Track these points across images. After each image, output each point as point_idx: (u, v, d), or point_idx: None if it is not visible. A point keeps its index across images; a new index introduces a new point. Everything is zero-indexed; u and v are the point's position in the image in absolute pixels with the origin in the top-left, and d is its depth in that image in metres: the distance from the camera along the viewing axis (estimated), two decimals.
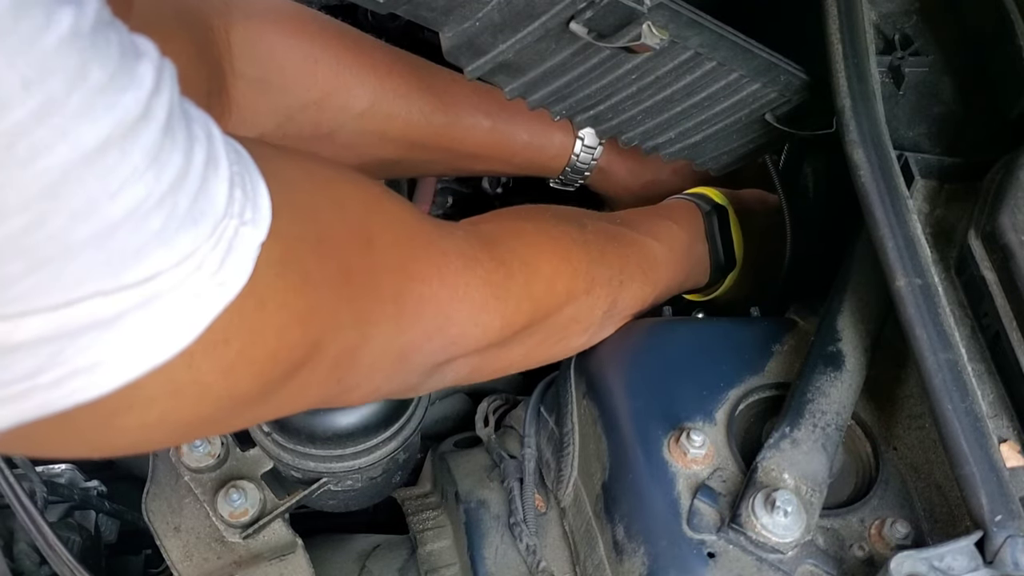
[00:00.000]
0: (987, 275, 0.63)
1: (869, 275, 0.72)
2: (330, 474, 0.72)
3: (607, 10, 0.65)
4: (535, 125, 0.99)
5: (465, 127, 0.96)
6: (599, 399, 0.72)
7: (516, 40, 0.67)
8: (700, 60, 0.76)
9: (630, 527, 0.65)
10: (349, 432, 0.69)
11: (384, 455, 0.72)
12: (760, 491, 0.60)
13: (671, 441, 0.66)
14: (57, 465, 0.95)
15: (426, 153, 0.96)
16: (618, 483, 0.67)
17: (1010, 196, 0.63)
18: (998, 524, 0.54)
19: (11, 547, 0.83)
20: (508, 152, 0.99)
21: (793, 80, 0.82)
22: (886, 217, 0.64)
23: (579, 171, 1.03)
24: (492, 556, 0.77)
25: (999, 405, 0.62)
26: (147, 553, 1.03)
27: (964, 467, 0.56)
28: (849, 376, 0.67)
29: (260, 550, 0.75)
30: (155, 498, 0.76)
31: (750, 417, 0.70)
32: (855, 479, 0.68)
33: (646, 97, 0.80)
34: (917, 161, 0.72)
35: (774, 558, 0.60)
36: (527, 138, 0.99)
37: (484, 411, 0.91)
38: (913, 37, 0.80)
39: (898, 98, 0.77)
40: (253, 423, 0.66)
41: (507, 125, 0.97)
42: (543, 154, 1.01)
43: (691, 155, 0.91)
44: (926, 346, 0.59)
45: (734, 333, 0.76)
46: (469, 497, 0.81)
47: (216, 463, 0.76)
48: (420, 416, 0.74)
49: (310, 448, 0.70)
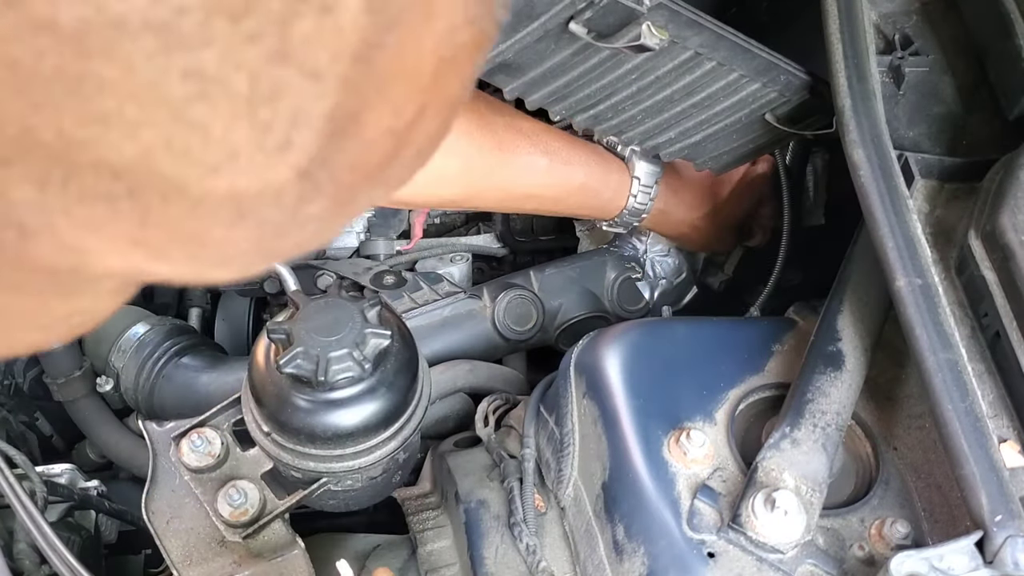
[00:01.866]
0: (987, 275, 0.63)
1: (869, 275, 0.72)
2: (330, 474, 0.72)
3: (606, 10, 0.65)
4: (593, 166, 0.97)
5: (520, 166, 0.93)
6: (599, 399, 0.72)
7: (516, 40, 0.67)
8: (700, 60, 0.76)
9: (630, 527, 0.65)
10: (349, 432, 0.69)
11: (384, 455, 0.72)
12: (760, 491, 0.60)
13: (671, 441, 0.66)
14: (57, 465, 0.95)
15: (480, 191, 0.94)
16: (618, 483, 0.67)
17: (1010, 196, 0.63)
18: (998, 524, 0.54)
19: (11, 547, 0.83)
20: (563, 192, 0.97)
21: (793, 80, 0.82)
22: (886, 217, 0.64)
23: (636, 213, 1.00)
24: (492, 556, 0.77)
25: (999, 405, 0.62)
26: (147, 553, 1.03)
27: (964, 467, 0.56)
28: (849, 376, 0.67)
29: (260, 550, 0.75)
30: (155, 498, 0.76)
31: (750, 417, 0.70)
32: (855, 479, 0.68)
33: (646, 97, 0.80)
34: (917, 161, 0.72)
35: (774, 558, 0.60)
36: (583, 179, 0.96)
37: (484, 411, 0.91)
38: (913, 37, 0.80)
39: (898, 98, 0.77)
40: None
41: (564, 165, 0.95)
42: (598, 197, 0.99)
43: (691, 155, 0.91)
44: (926, 346, 0.59)
45: (734, 333, 0.76)
46: (469, 497, 0.81)
47: (216, 463, 0.76)
48: (420, 416, 0.74)
49: (310, 448, 0.70)
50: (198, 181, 0.20)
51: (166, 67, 0.18)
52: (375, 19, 0.19)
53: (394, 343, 0.67)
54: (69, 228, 0.20)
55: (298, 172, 0.21)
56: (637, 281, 1.14)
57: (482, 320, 1.07)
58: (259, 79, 0.19)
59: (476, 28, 0.22)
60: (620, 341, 0.76)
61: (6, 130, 0.18)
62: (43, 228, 0.20)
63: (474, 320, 1.07)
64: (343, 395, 0.66)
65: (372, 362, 0.66)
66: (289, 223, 0.22)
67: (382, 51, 0.20)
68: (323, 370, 0.64)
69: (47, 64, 0.17)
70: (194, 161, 0.19)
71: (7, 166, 0.18)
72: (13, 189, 0.19)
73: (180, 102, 0.18)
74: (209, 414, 0.78)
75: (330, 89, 0.20)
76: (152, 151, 0.19)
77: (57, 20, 0.17)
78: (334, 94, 0.20)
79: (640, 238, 1.15)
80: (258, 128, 0.19)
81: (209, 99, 0.18)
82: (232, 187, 0.20)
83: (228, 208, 0.21)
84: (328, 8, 0.19)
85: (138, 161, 0.19)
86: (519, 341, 1.07)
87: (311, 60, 0.19)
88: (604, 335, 0.76)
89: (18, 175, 0.18)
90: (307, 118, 0.20)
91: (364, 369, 0.65)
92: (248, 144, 0.20)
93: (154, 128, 0.18)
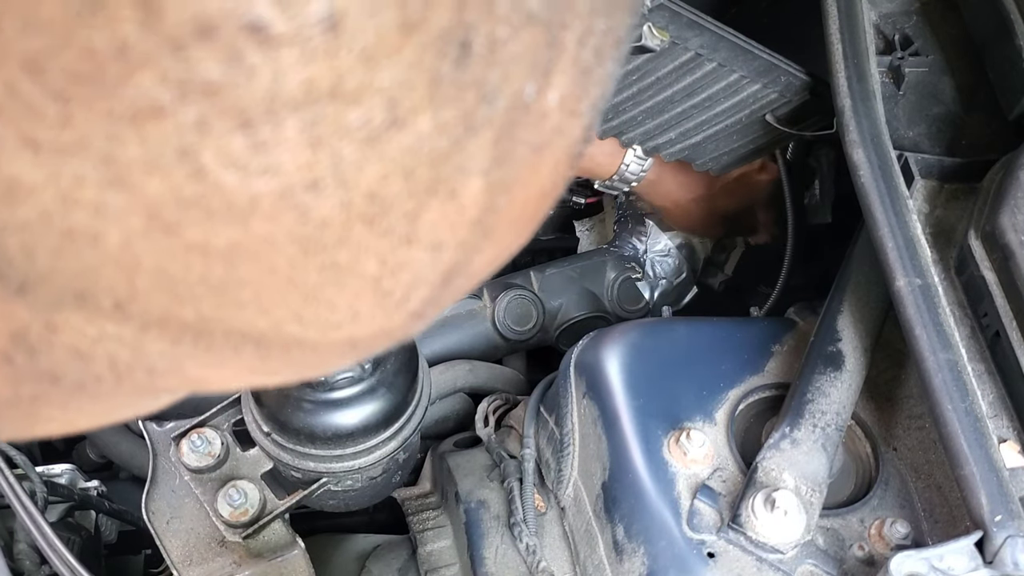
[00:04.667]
0: (987, 275, 0.63)
1: (869, 275, 0.72)
2: (330, 474, 0.72)
3: None
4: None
5: None
6: (599, 399, 0.72)
7: None
8: (700, 61, 0.76)
9: (630, 527, 0.65)
10: (349, 432, 0.69)
11: (384, 455, 0.72)
12: (760, 491, 0.60)
13: (671, 441, 0.66)
14: (57, 465, 0.95)
15: None
16: (618, 483, 0.67)
17: (1010, 196, 0.63)
18: (998, 524, 0.54)
19: (11, 547, 0.83)
20: None
21: (793, 81, 0.82)
22: (886, 217, 0.64)
23: (626, 180, 1.01)
24: (492, 556, 0.77)
25: (999, 405, 0.62)
26: (147, 553, 1.03)
27: (964, 467, 0.56)
28: (849, 376, 0.67)
29: (260, 550, 0.75)
30: (155, 498, 0.76)
31: (750, 417, 0.70)
32: (855, 479, 0.68)
33: (647, 98, 0.80)
34: (917, 161, 0.72)
35: (774, 558, 0.60)
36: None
37: (484, 411, 0.91)
38: (913, 37, 0.80)
39: (898, 98, 0.77)
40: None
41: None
42: (590, 160, 0.99)
43: (692, 155, 0.91)
44: (926, 346, 0.59)
45: (734, 333, 0.76)
46: (469, 497, 0.81)
47: (216, 463, 0.76)
48: (420, 416, 0.74)
49: (310, 448, 0.70)
50: (320, 336, 0.21)
51: (305, 266, 0.19)
52: (493, 191, 0.20)
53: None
54: (195, 368, 0.21)
55: (411, 316, 0.22)
56: (637, 281, 1.14)
57: (482, 320, 1.07)
58: (387, 262, 0.20)
59: (576, 157, 0.23)
60: (620, 341, 0.76)
61: (149, 313, 0.19)
62: (172, 370, 0.21)
63: (474, 320, 1.07)
64: (343, 395, 0.66)
65: (372, 362, 0.66)
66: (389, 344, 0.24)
67: (496, 213, 0.21)
68: None
69: (194, 273, 0.18)
70: (319, 325, 0.21)
71: (145, 332, 0.19)
72: (148, 346, 0.20)
73: (313, 288, 0.20)
74: (209, 414, 0.78)
75: (449, 255, 0.21)
76: (282, 324, 0.20)
77: (209, 243, 0.18)
78: (451, 257, 0.21)
79: (640, 238, 1.15)
80: (380, 294, 0.21)
81: (340, 284, 0.20)
82: (351, 337, 0.22)
83: (344, 348, 0.22)
84: (452, 195, 0.20)
85: (268, 330, 0.20)
86: (519, 341, 1.07)
87: (434, 238, 0.20)
88: (604, 335, 0.76)
89: (154, 337, 0.20)
90: (425, 280, 0.21)
91: (364, 369, 0.66)
92: (370, 307, 0.21)
93: (286, 307, 0.20)
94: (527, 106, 0.20)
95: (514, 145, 0.20)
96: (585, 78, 0.21)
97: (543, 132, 0.21)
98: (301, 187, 0.18)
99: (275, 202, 0.17)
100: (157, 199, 0.17)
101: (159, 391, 0.24)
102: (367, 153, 0.18)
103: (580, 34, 0.20)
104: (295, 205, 0.18)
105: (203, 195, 0.17)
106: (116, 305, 0.19)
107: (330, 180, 0.18)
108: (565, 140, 0.22)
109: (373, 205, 0.19)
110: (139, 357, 0.20)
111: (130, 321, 0.19)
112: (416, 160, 0.18)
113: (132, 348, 0.20)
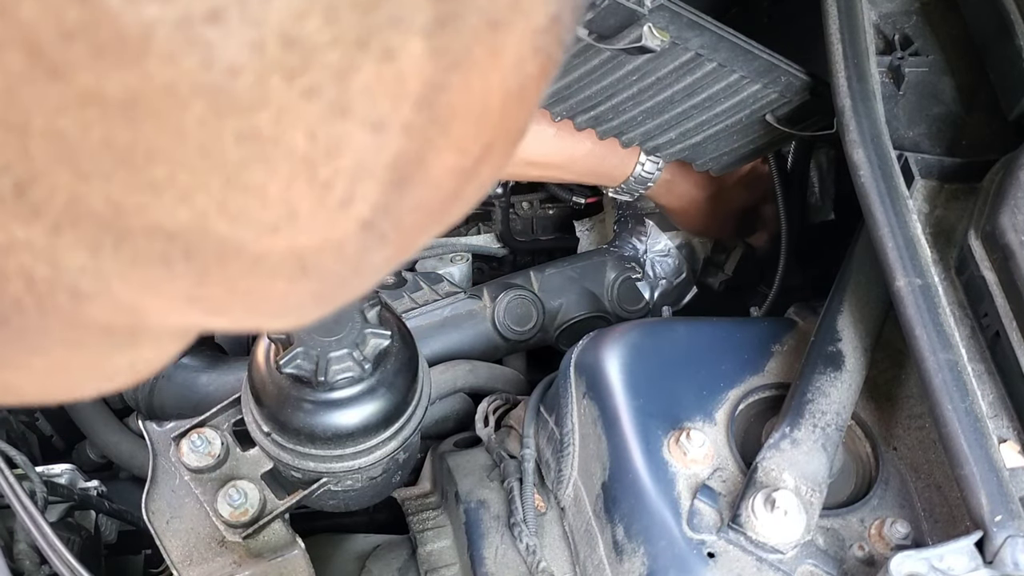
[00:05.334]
0: (987, 275, 0.63)
1: (869, 275, 0.72)
2: (330, 474, 0.72)
3: (608, 12, 0.65)
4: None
5: (528, 134, 0.94)
6: (599, 399, 0.72)
7: None
8: (701, 61, 0.76)
9: (630, 527, 0.65)
10: (349, 432, 0.69)
11: (384, 455, 0.72)
12: (760, 491, 0.60)
13: (671, 441, 0.66)
14: (57, 465, 0.95)
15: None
16: (618, 483, 0.67)
17: (1010, 196, 0.63)
18: (998, 524, 0.54)
19: (11, 547, 0.83)
20: (570, 159, 0.97)
21: (794, 81, 0.82)
22: (886, 217, 0.64)
23: (642, 181, 1.00)
24: (492, 556, 0.77)
25: (999, 405, 0.62)
26: (147, 553, 1.03)
27: (964, 467, 0.56)
28: (849, 376, 0.67)
29: (260, 550, 0.75)
30: (155, 498, 0.76)
31: (750, 417, 0.70)
32: (855, 479, 0.68)
33: (647, 98, 0.80)
34: (917, 161, 0.72)
35: (774, 558, 0.60)
36: (590, 145, 0.96)
37: (484, 411, 0.91)
38: (913, 37, 0.80)
39: (898, 98, 0.77)
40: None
41: (571, 132, 0.94)
42: (605, 163, 0.98)
43: (692, 155, 0.91)
44: (926, 346, 0.59)
45: (734, 333, 0.77)
46: (469, 497, 0.81)
47: (216, 463, 0.76)
48: (420, 416, 0.74)
49: (310, 448, 0.70)
50: (256, 241, 0.19)
51: (219, 131, 0.17)
52: (438, 61, 0.18)
53: (394, 343, 0.67)
54: (124, 290, 0.19)
55: (361, 224, 0.20)
56: (637, 281, 1.14)
57: (482, 320, 1.07)
58: (317, 136, 0.18)
59: (543, 56, 0.21)
60: (620, 341, 0.76)
61: (54, 199, 0.17)
62: (98, 291, 0.19)
63: (474, 320, 1.07)
64: (343, 395, 0.66)
65: (372, 362, 0.66)
66: (352, 274, 0.22)
67: (446, 92, 0.19)
68: (323, 370, 0.64)
69: (94, 135, 0.16)
70: (251, 222, 0.18)
71: (57, 234, 0.18)
72: (65, 255, 0.18)
73: (234, 166, 0.17)
74: (209, 414, 0.78)
75: (392, 138, 0.19)
76: (207, 214, 0.18)
77: (104, 91, 0.16)
78: (396, 142, 0.19)
79: (640, 238, 1.15)
80: (318, 185, 0.18)
81: (265, 161, 0.18)
82: (292, 245, 0.19)
83: (289, 265, 0.20)
84: (389, 55, 0.17)
85: (192, 225, 0.18)
86: (519, 341, 1.08)
87: (371, 111, 0.18)
88: (604, 335, 0.76)
89: (69, 242, 0.18)
90: (369, 170, 0.19)
91: (364, 369, 0.66)
92: (308, 202, 0.19)
93: (208, 192, 0.18)
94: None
95: (460, 6, 0.18)
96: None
97: (497, 1, 0.18)
98: (200, 17, 0.15)
99: (171, 35, 0.15)
100: (35, 27, 0.15)
101: (97, 329, 0.22)
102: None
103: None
104: (195, 40, 0.15)
105: (88, 23, 0.15)
106: (16, 187, 0.17)
107: (234, 10, 0.15)
108: (526, 22, 0.19)
109: (290, 52, 0.16)
110: (58, 272, 0.18)
111: (38, 218, 0.17)
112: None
113: (48, 259, 0.18)
